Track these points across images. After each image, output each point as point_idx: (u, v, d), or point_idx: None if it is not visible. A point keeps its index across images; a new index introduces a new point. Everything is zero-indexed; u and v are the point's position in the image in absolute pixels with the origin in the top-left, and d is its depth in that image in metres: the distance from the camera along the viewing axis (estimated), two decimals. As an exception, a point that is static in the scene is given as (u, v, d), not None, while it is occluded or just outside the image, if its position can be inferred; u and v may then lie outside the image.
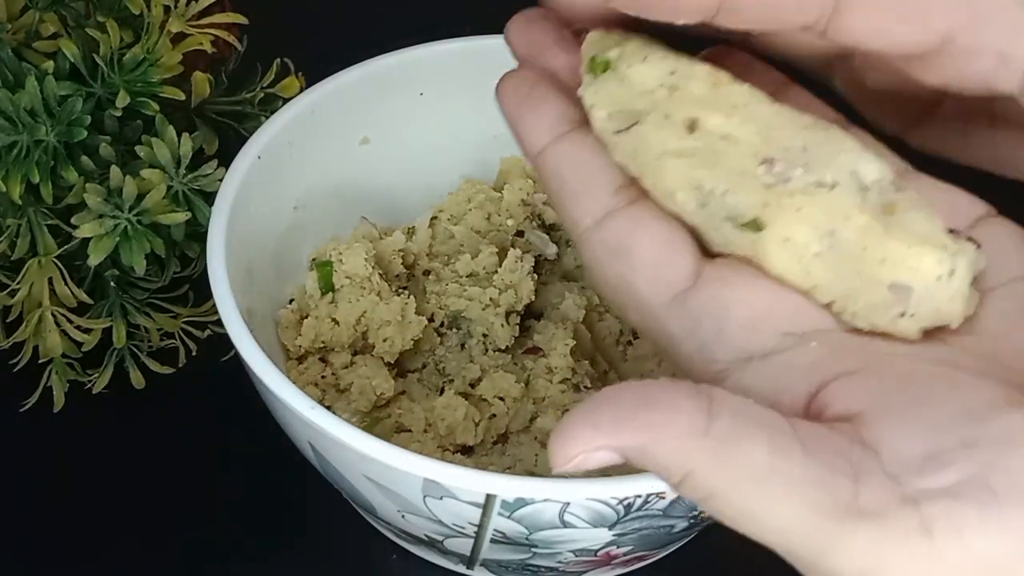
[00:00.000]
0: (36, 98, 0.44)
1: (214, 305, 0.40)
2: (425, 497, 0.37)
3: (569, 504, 0.36)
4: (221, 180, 0.44)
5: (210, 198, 0.44)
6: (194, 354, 0.49)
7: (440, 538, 0.40)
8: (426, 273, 0.49)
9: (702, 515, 0.38)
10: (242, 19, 0.50)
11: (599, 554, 0.40)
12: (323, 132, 0.48)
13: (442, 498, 0.37)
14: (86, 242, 0.45)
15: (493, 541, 0.39)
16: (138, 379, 0.49)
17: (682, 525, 0.39)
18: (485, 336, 0.46)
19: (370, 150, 0.51)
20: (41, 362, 0.48)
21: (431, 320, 0.47)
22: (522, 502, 0.36)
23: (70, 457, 0.48)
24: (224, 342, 0.40)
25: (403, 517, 0.39)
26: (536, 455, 0.44)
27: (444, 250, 0.49)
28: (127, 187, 0.44)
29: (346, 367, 0.45)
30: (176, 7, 0.48)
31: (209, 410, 0.49)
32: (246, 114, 0.52)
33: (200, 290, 0.49)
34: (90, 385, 0.48)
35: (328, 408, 0.39)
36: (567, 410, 0.44)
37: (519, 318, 0.47)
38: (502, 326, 0.46)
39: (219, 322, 0.40)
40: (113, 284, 0.48)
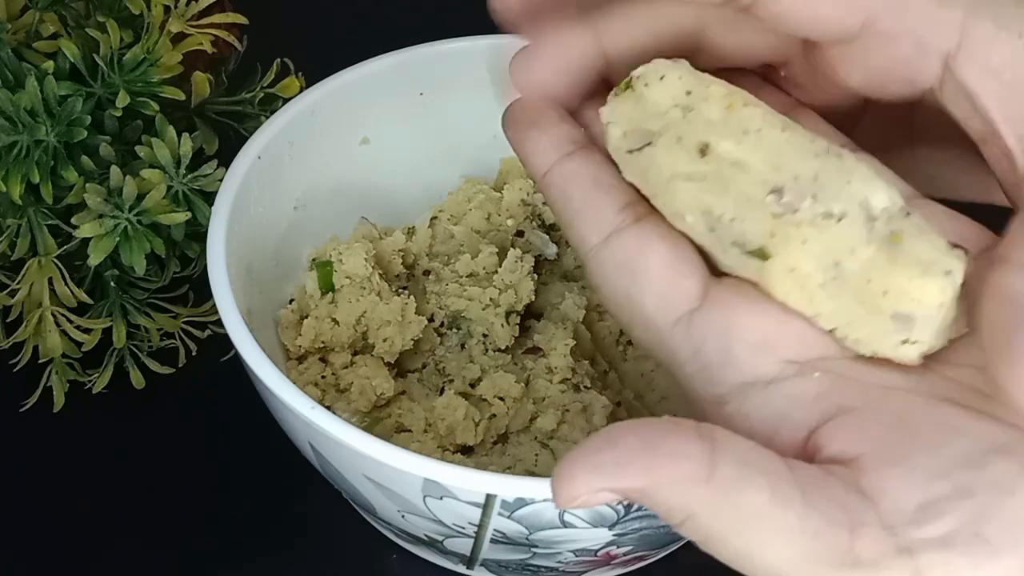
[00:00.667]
0: (36, 98, 0.44)
1: (214, 305, 0.40)
2: (425, 497, 0.37)
3: (569, 504, 0.36)
4: (221, 180, 0.44)
5: (210, 198, 0.44)
6: (194, 354, 0.49)
7: (440, 538, 0.40)
8: (426, 273, 0.49)
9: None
10: (242, 19, 0.50)
11: (599, 554, 0.40)
12: (323, 132, 0.48)
13: (442, 498, 0.37)
14: (86, 242, 0.45)
15: (493, 541, 0.39)
16: (138, 379, 0.49)
17: (682, 525, 0.39)
18: (485, 336, 0.46)
19: (370, 150, 0.50)
20: (41, 362, 0.48)
21: (431, 320, 0.47)
22: (522, 502, 0.36)
23: (70, 457, 0.48)
24: (224, 342, 0.40)
25: (403, 517, 0.39)
26: (536, 455, 0.44)
27: (444, 250, 0.49)
28: (127, 187, 0.44)
29: (346, 367, 0.45)
30: (176, 7, 0.48)
31: (209, 410, 0.49)
32: (246, 114, 0.52)
33: (200, 290, 0.49)
34: (90, 385, 0.48)
35: (328, 408, 0.39)
36: (567, 410, 0.44)
37: (519, 318, 0.47)
38: (502, 326, 0.46)
39: (219, 322, 0.40)
40: (113, 284, 0.48)
